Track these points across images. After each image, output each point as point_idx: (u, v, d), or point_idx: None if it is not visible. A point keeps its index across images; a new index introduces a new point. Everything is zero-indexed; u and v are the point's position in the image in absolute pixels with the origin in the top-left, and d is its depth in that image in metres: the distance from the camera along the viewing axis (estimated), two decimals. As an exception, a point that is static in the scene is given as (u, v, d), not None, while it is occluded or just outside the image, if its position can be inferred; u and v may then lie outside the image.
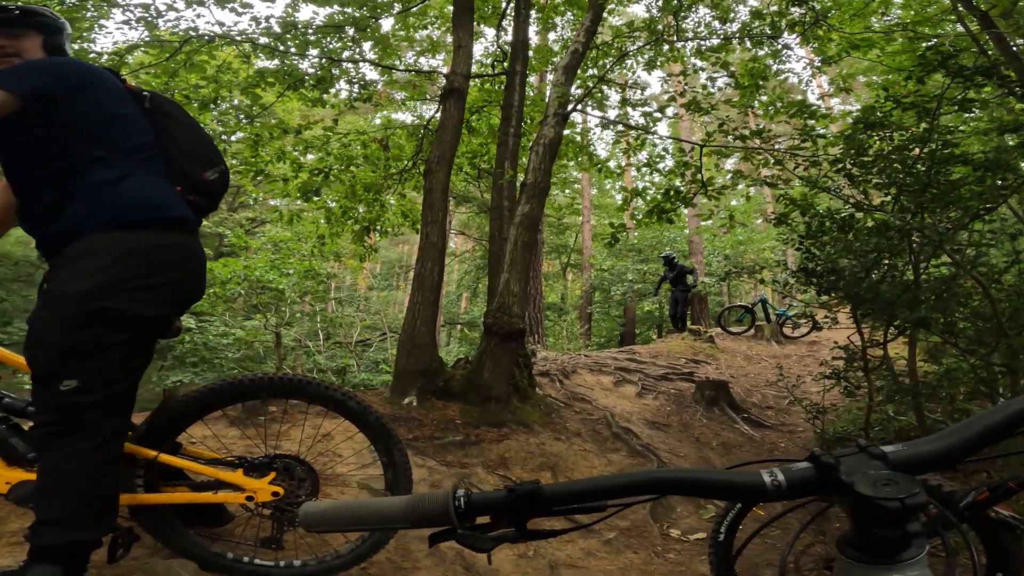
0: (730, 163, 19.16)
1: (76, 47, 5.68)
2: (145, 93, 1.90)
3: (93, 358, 1.62)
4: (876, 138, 4.58)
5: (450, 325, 22.30)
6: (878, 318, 4.69)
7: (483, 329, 5.43)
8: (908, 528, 0.54)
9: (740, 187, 6.94)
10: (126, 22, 5.55)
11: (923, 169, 4.16)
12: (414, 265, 5.74)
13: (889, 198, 4.50)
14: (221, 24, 5.97)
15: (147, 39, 5.94)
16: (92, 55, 5.87)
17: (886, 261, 4.58)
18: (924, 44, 5.92)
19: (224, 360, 12.08)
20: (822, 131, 5.90)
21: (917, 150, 4.23)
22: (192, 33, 5.92)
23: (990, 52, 4.69)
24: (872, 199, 4.98)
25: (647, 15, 8.01)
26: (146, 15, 5.56)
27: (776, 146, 6.24)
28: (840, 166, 4.81)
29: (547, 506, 0.63)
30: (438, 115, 6.37)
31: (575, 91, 6.69)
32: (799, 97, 7.57)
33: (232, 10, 5.94)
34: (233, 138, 8.19)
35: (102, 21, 5.73)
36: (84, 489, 1.63)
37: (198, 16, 8.24)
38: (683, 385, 7.72)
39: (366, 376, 14.29)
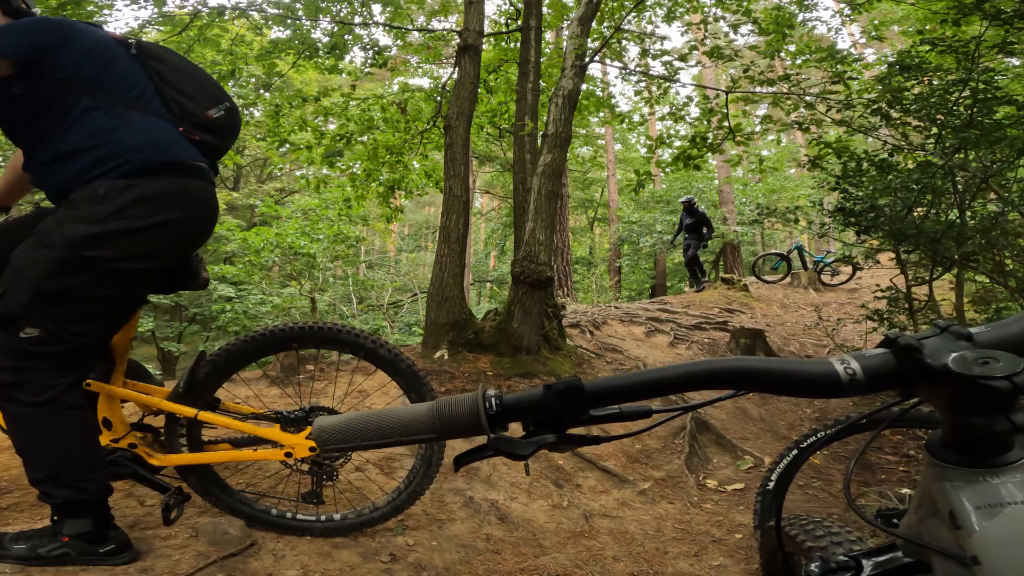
0: (759, 111, 18.47)
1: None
2: (131, 40, 1.87)
3: (66, 308, 1.60)
4: (914, 82, 4.35)
5: (479, 283, 22.42)
6: (922, 256, 4.52)
7: (511, 279, 5.41)
8: (1014, 418, 0.47)
9: (770, 135, 6.57)
10: (134, 0, 5.51)
11: (964, 109, 3.95)
12: (440, 219, 5.75)
13: (930, 139, 4.29)
14: None
15: (157, 17, 5.89)
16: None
17: (929, 198, 4.39)
18: None
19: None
20: (854, 76, 5.61)
21: (957, 93, 4.01)
22: (201, 7, 5.86)
23: None
24: (911, 141, 4.75)
25: None
26: None
27: (807, 91, 5.93)
28: (876, 107, 4.59)
29: (589, 405, 0.56)
30: (455, 75, 6.27)
31: (592, 44, 6.47)
32: (825, 45, 7.15)
33: None
34: (256, 112, 8.20)
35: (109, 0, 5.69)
36: (59, 448, 1.65)
37: None
38: (717, 334, 7.63)
39: (400, 336, 14.58)
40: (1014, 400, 0.46)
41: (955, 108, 4.04)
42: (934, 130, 4.24)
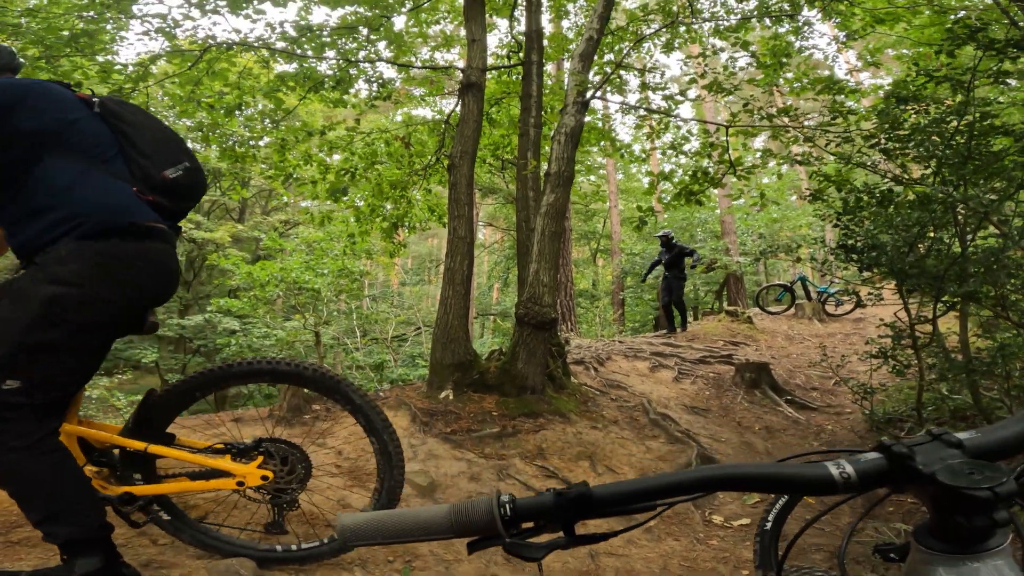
0: (758, 142, 18.66)
1: (100, 59, 5.85)
2: (95, 99, 1.92)
3: (43, 361, 1.67)
4: (911, 112, 4.41)
5: (483, 316, 22.40)
6: (925, 293, 4.53)
7: (515, 320, 5.45)
8: (996, 516, 0.52)
9: (771, 165, 6.61)
10: (145, 33, 5.66)
11: (962, 141, 3.99)
12: (444, 260, 5.78)
13: (929, 171, 4.33)
14: (237, 31, 6.05)
15: (168, 49, 6.04)
16: (117, 67, 6.00)
17: (930, 234, 4.41)
18: (952, 17, 5.66)
19: None
20: (852, 105, 5.68)
21: (955, 123, 4.07)
22: (211, 41, 6.01)
23: (1021, 23, 4.47)
24: (910, 173, 4.79)
25: None
26: (164, 25, 5.66)
27: (805, 123, 5.98)
28: (875, 141, 4.64)
29: (597, 509, 0.61)
30: (458, 109, 6.36)
31: (593, 78, 6.57)
32: (826, 73, 7.25)
33: (247, 16, 6.00)
34: (261, 142, 8.34)
35: (122, 33, 5.85)
36: (50, 487, 1.69)
37: (214, 24, 8.41)
38: (722, 368, 7.59)
39: (403, 371, 14.56)
40: (998, 505, 0.51)
41: (953, 140, 4.08)
42: (932, 163, 4.27)
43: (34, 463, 1.67)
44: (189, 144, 2.28)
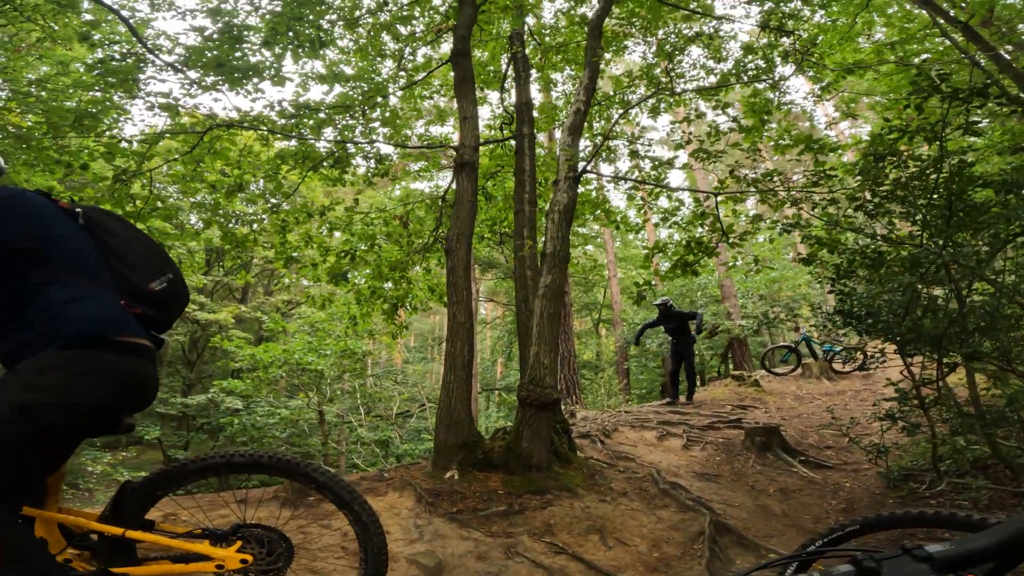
0: (750, 203, 19.03)
1: (106, 135, 6.03)
2: (77, 209, 1.92)
3: (7, 460, 1.66)
4: (891, 166, 4.53)
5: (488, 391, 22.15)
6: (927, 355, 4.52)
7: (518, 401, 5.45)
8: None
9: (763, 228, 6.64)
10: (149, 109, 5.90)
11: (943, 195, 4.08)
12: (444, 344, 5.77)
13: (916, 227, 4.41)
14: (238, 109, 6.29)
15: (170, 125, 6.26)
16: (123, 145, 6.19)
17: (925, 293, 4.44)
18: (917, 63, 5.92)
19: (271, 438, 12.56)
20: (832, 164, 5.80)
21: (934, 176, 4.17)
22: (212, 122, 6.23)
23: (982, 61, 4.68)
24: (898, 230, 4.88)
25: (643, 61, 8.15)
26: (167, 102, 5.90)
27: (791, 186, 6.09)
28: (859, 203, 4.74)
29: None
30: (453, 187, 6.50)
31: (583, 148, 6.78)
32: (807, 124, 7.51)
33: (246, 93, 6.23)
34: (262, 221, 8.52)
35: (126, 107, 6.08)
36: (13, 558, 1.67)
37: (215, 101, 8.79)
38: (731, 433, 7.46)
39: (408, 447, 14.49)
40: None
41: (934, 196, 4.17)
42: (918, 219, 4.35)
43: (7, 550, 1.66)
44: (193, 221, 2.35)
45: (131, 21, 5.71)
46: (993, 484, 4.31)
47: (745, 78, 6.56)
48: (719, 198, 6.63)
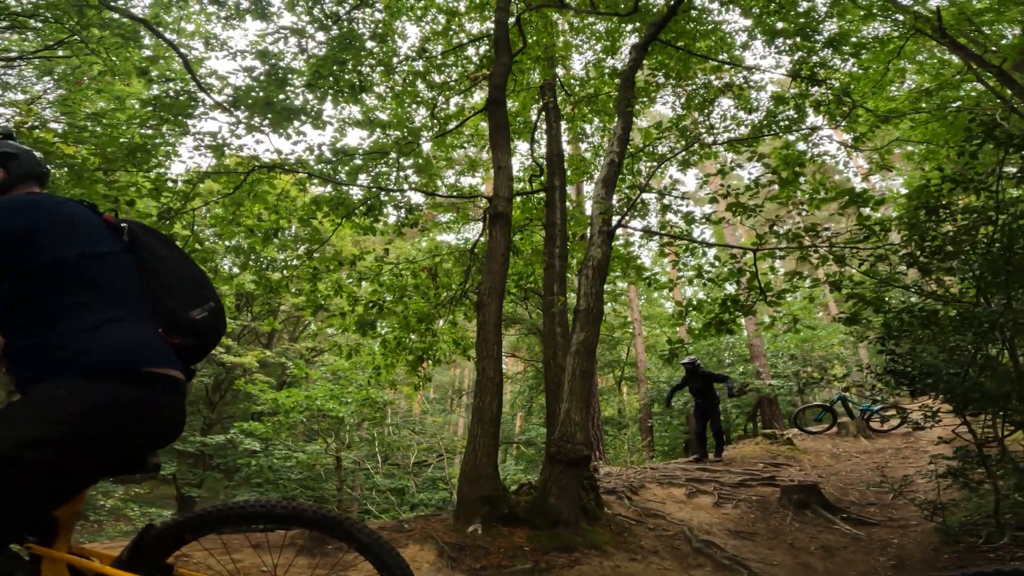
0: (783, 263, 18.75)
1: (154, 172, 6.18)
2: (123, 224, 1.79)
3: (4, 489, 1.50)
4: (944, 219, 4.36)
5: (506, 444, 21.73)
6: (989, 414, 4.29)
7: (546, 457, 5.32)
8: None
9: (805, 286, 6.26)
10: (196, 148, 6.05)
11: (997, 250, 3.92)
12: (472, 399, 5.65)
13: (968, 284, 4.25)
14: (279, 152, 6.43)
15: (214, 165, 6.41)
16: (169, 183, 6.31)
17: (981, 354, 4.24)
18: (954, 109, 5.80)
19: (287, 481, 12.47)
20: (876, 219, 5.60)
21: (989, 230, 4.01)
22: (256, 163, 6.35)
23: (1017, 106, 4.59)
24: (946, 286, 4.69)
25: (672, 112, 8.16)
26: (214, 142, 6.04)
27: (833, 241, 5.73)
28: (909, 258, 4.54)
29: None
30: (483, 238, 6.45)
31: (614, 202, 6.68)
32: (837, 178, 7.41)
33: (286, 136, 6.37)
34: (293, 266, 8.61)
35: (174, 145, 6.28)
36: None
37: (258, 143, 9.11)
38: (765, 490, 7.15)
39: (424, 496, 14.31)
40: None
41: (989, 249, 3.98)
42: (970, 276, 4.18)
43: None
44: (227, 265, 2.25)
45: (187, 58, 5.97)
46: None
47: (777, 129, 6.48)
48: (758, 254, 6.35)
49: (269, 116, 5.88)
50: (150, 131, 5.97)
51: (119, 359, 1.60)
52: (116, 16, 5.88)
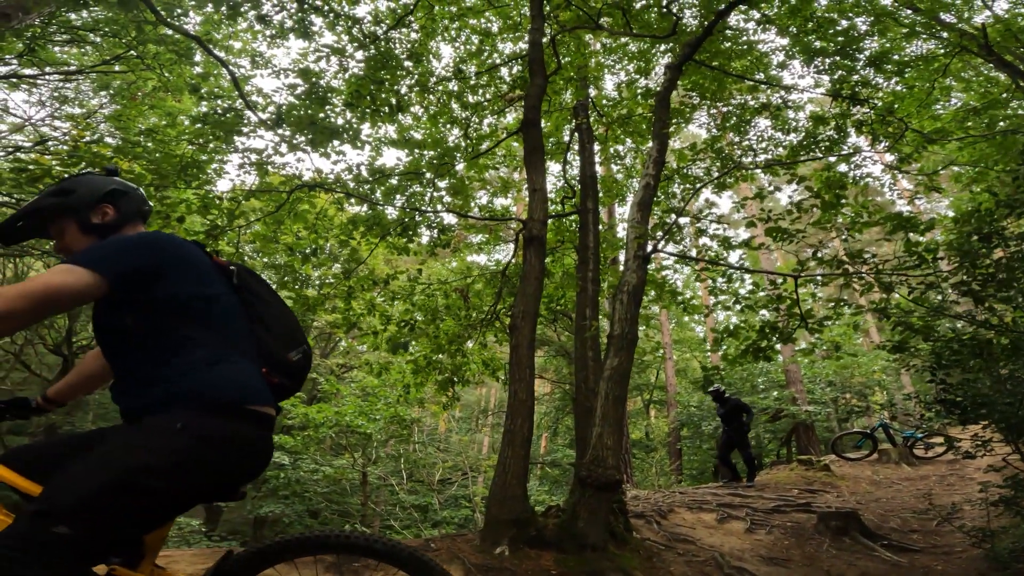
0: (822, 290, 18.22)
1: (202, 189, 6.31)
2: (232, 267, 1.89)
3: (103, 519, 1.55)
4: (997, 246, 4.23)
5: (532, 463, 21.57)
6: None
7: (576, 480, 5.26)
8: None
9: (847, 313, 5.99)
10: (241, 165, 6.22)
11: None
12: (503, 420, 5.62)
13: (1020, 312, 4.12)
14: (319, 171, 6.63)
15: (257, 183, 6.58)
16: (216, 200, 6.45)
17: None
18: (1002, 128, 5.60)
19: (312, 493, 12.50)
20: (925, 244, 5.40)
21: None
22: (298, 181, 6.49)
23: None
24: (1000, 313, 4.55)
25: (706, 134, 8.02)
26: (259, 159, 6.19)
27: (879, 267, 5.50)
28: (962, 286, 4.39)
29: None
30: (514, 260, 6.41)
31: (649, 225, 6.56)
32: (879, 199, 7.17)
33: (326, 155, 6.49)
34: (328, 284, 8.72)
35: (221, 162, 6.48)
36: None
37: (300, 161, 9.38)
38: (800, 516, 6.94)
39: (447, 513, 14.27)
40: None
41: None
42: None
43: None
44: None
45: (235, 75, 6.19)
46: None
47: (817, 151, 6.31)
48: (799, 280, 6.18)
49: (311, 135, 6.04)
50: (198, 147, 6.17)
51: (231, 396, 1.68)
52: (170, 32, 6.12)
